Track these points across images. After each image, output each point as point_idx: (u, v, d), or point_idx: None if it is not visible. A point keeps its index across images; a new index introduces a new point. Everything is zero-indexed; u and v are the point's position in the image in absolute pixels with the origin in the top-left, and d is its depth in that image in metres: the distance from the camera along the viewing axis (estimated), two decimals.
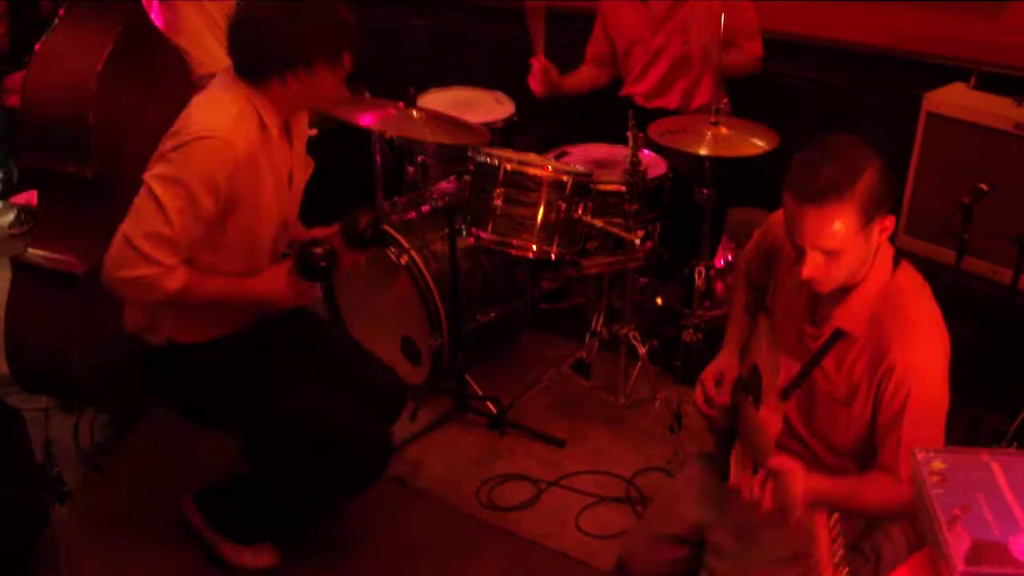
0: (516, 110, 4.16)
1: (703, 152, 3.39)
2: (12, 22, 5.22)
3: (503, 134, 4.02)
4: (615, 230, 3.35)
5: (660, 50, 4.02)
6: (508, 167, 3.30)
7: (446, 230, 3.54)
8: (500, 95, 4.28)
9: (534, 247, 3.33)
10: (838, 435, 2.44)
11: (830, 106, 4.25)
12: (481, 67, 4.71)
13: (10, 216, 5.76)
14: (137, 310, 2.83)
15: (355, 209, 2.84)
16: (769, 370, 2.46)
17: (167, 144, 2.55)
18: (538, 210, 3.30)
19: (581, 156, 3.75)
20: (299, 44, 2.55)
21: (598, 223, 3.36)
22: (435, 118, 3.53)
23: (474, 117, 3.87)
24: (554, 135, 4.01)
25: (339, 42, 2.60)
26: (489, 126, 3.84)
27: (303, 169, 2.89)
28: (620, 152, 3.67)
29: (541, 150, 3.72)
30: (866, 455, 2.43)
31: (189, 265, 2.64)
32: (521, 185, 3.30)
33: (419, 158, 4.03)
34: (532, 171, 3.30)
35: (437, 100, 4.11)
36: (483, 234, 3.36)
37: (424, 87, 4.16)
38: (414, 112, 3.52)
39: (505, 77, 4.34)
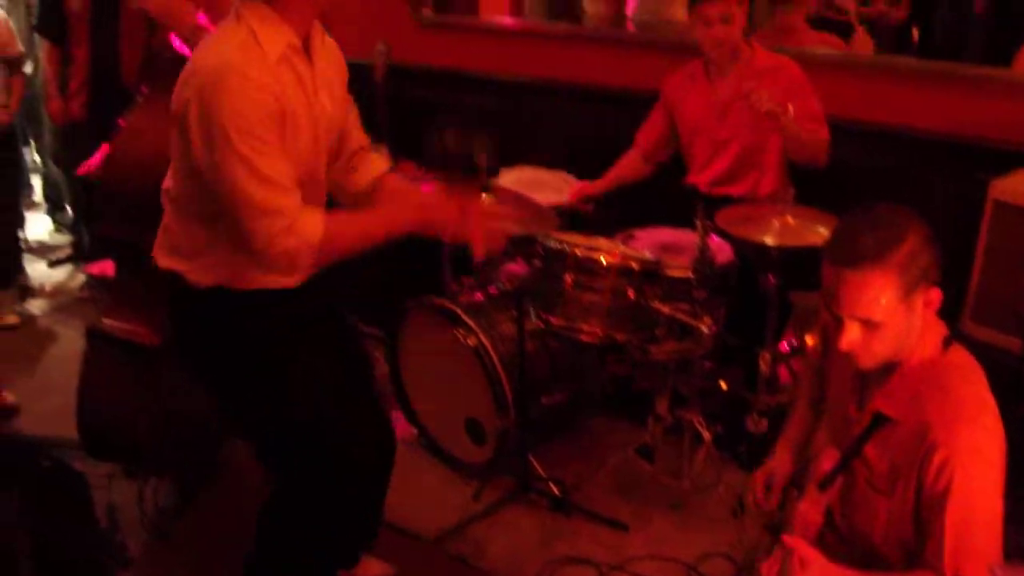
0: None
1: (769, 241, 3.41)
2: (92, 92, 5.34)
3: (570, 215, 4.07)
4: (683, 317, 3.37)
5: (726, 142, 4.03)
6: (578, 253, 3.33)
7: (514, 312, 3.58)
8: (567, 176, 4.35)
9: (602, 332, 3.35)
10: (879, 530, 2.30)
11: (894, 192, 4.24)
12: (548, 147, 4.76)
13: (80, 279, 5.90)
14: (186, 241, 2.64)
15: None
16: (816, 461, 2.43)
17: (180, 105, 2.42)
18: (607, 296, 3.33)
19: (648, 240, 3.78)
20: None
21: (666, 309, 3.38)
22: (505, 203, 3.59)
23: (542, 197, 3.92)
24: (620, 217, 4.04)
25: None
26: (556, 207, 3.89)
27: (331, 86, 2.68)
28: (686, 236, 3.71)
29: (608, 232, 3.76)
30: (912, 556, 2.26)
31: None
32: (590, 271, 3.33)
33: None
34: (601, 257, 3.32)
35: (507, 180, 4.17)
36: (552, 318, 3.39)
37: (491, 167, 4.22)
38: (486, 197, 3.57)
39: (572, 157, 4.41)
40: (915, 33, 4.92)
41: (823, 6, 4.81)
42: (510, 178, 4.19)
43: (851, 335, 2.18)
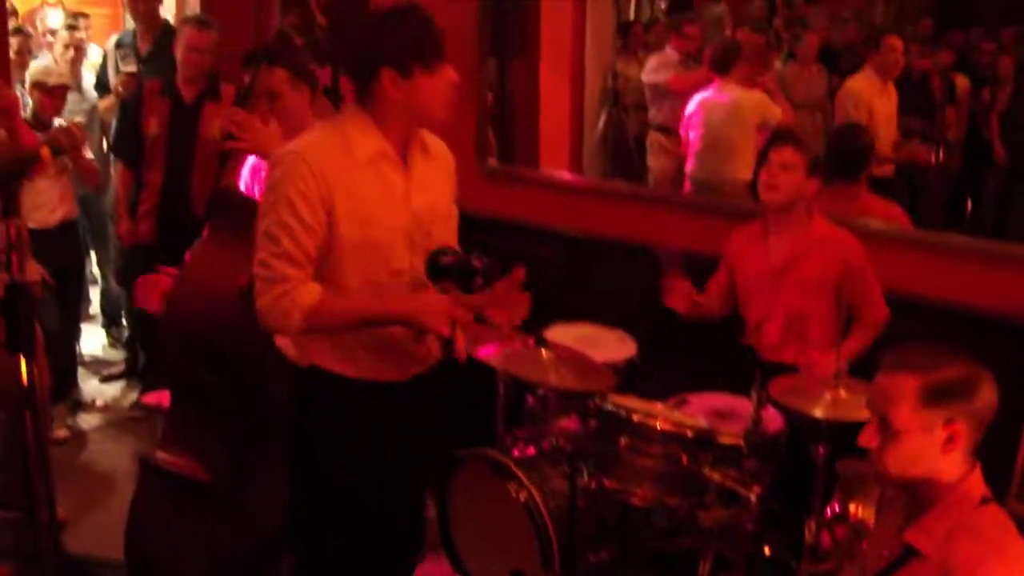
0: (637, 351, 4.27)
1: (819, 414, 3.46)
2: (161, 216, 5.50)
3: (624, 374, 4.12)
4: (733, 485, 3.41)
5: (776, 307, 4.09)
6: (634, 418, 3.40)
7: (566, 469, 3.62)
8: (622, 334, 4.40)
9: (653, 497, 3.40)
10: None
11: None
12: (607, 304, 4.84)
13: (132, 397, 6.00)
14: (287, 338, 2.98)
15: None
16: None
17: None
18: (660, 461, 3.39)
19: (701, 406, 3.83)
20: (388, 45, 2.76)
21: (716, 476, 3.42)
22: (563, 360, 3.66)
23: (599, 355, 3.97)
24: (674, 379, 4.10)
25: (430, 44, 2.82)
26: (611, 365, 3.95)
27: (426, 192, 3.00)
28: (739, 403, 3.77)
29: (661, 395, 3.82)
30: None
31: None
32: (645, 436, 3.40)
33: (540, 390, 4.12)
34: (657, 423, 3.40)
35: (562, 335, 4.24)
36: (605, 480, 3.44)
37: (547, 319, 4.29)
38: (544, 352, 3.65)
39: (628, 316, 4.48)
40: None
41: None
42: (568, 334, 4.25)
43: (871, 430, 2.33)
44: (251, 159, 3.95)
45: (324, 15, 3.30)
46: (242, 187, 3.95)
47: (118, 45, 6.48)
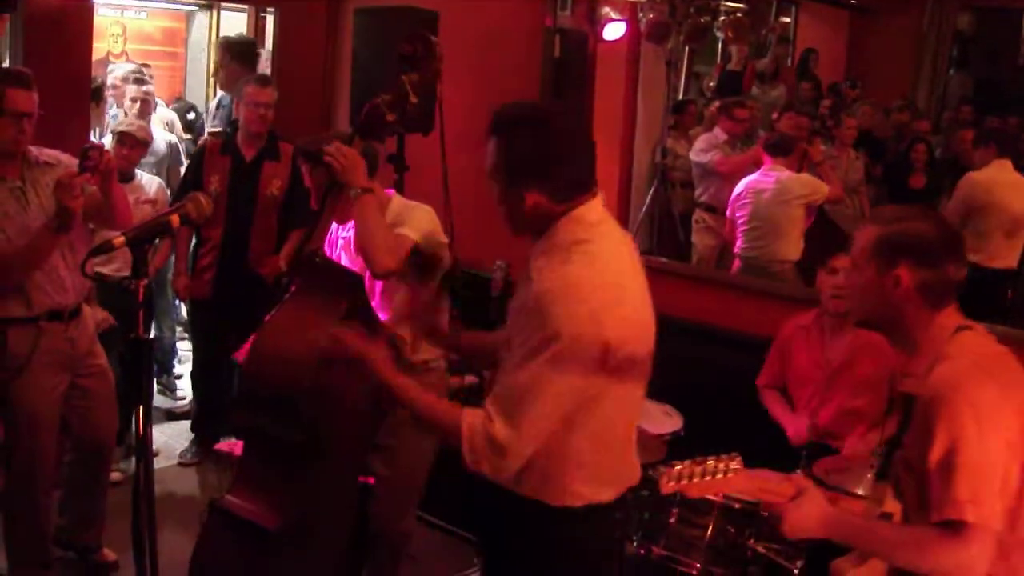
0: (684, 425, 4.39)
1: (861, 492, 3.59)
2: (219, 272, 5.65)
3: (668, 447, 4.25)
4: (777, 558, 3.56)
5: (829, 400, 4.23)
6: None
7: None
8: (669, 408, 4.53)
9: (700, 566, 3.54)
10: (911, 510, 2.52)
11: None
12: (653, 378, 4.97)
13: (184, 444, 6.13)
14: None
15: None
16: None
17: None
18: (708, 532, 3.53)
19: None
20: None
21: (761, 549, 3.57)
22: None
23: (646, 427, 4.13)
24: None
25: None
26: (657, 438, 4.10)
27: None
28: (783, 477, 3.91)
29: None
30: None
31: None
32: (696, 508, 3.54)
33: None
34: (708, 497, 3.53)
35: None
36: (654, 548, 3.58)
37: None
38: None
39: (675, 390, 4.62)
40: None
41: None
42: None
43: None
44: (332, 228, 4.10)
45: (416, 94, 3.44)
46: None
47: (218, 106, 6.71)
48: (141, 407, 2.40)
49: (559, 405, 2.48)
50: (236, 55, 6.60)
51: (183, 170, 6.35)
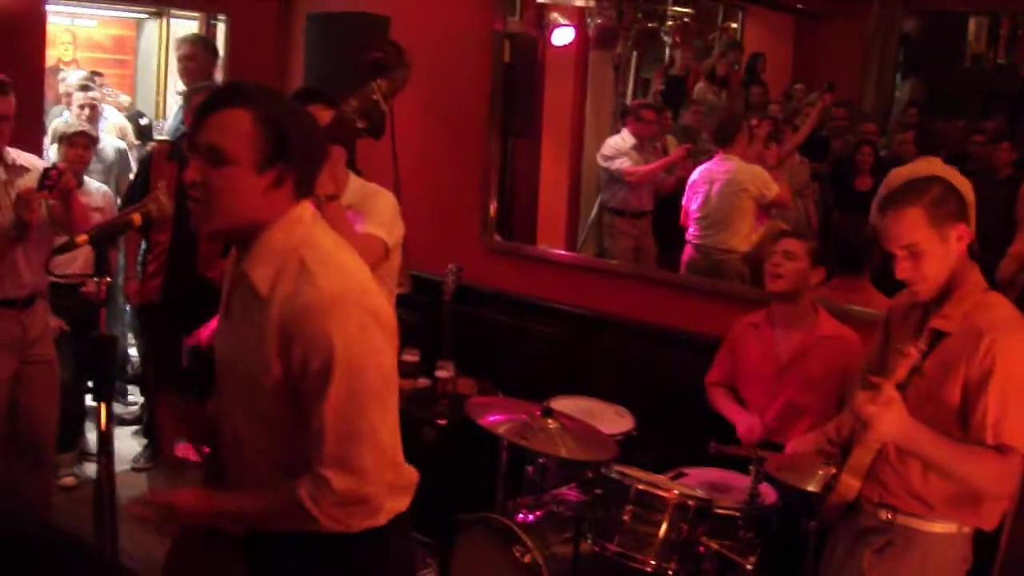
0: (636, 425, 4.45)
1: (812, 489, 3.64)
2: (168, 276, 5.62)
3: (620, 447, 4.29)
4: (730, 554, 3.60)
5: (777, 395, 4.27)
6: (639, 487, 3.58)
7: (567, 535, 3.80)
8: (621, 408, 4.58)
9: (653, 563, 3.57)
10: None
11: None
12: (603, 379, 5.03)
13: (136, 450, 6.11)
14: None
15: None
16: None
17: None
18: (661, 529, 3.57)
19: (697, 479, 4.02)
20: None
21: (714, 545, 3.61)
22: (569, 431, 3.86)
23: (597, 427, 4.17)
24: (671, 454, 4.30)
25: None
26: (610, 438, 4.14)
27: None
28: (733, 478, 4.00)
29: (657, 469, 4.00)
30: None
31: None
32: (649, 504, 3.57)
33: (540, 460, 4.28)
34: (660, 493, 3.58)
35: (562, 408, 4.42)
36: (609, 545, 3.61)
37: (545, 393, 4.48)
38: (550, 422, 3.86)
39: (626, 390, 4.68)
40: None
41: None
42: (567, 406, 4.41)
43: (903, 264, 2.84)
44: None
45: (387, 101, 3.44)
46: None
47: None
48: (103, 405, 2.37)
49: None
50: (211, 49, 6.64)
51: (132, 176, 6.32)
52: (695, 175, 5.80)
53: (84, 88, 6.66)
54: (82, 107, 6.47)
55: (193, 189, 2.28)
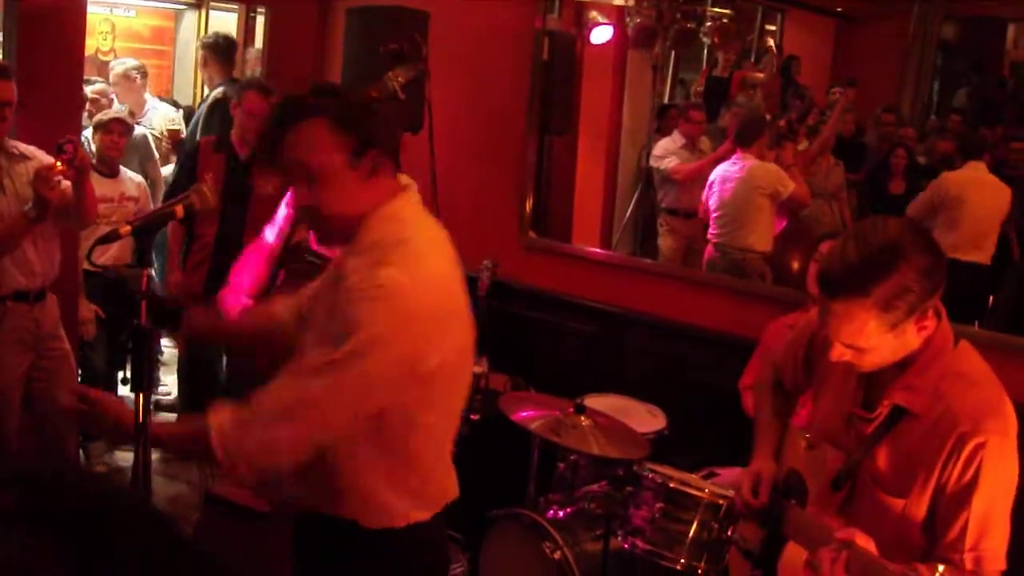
0: (667, 424, 4.46)
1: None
2: (211, 270, 5.65)
3: (652, 446, 4.30)
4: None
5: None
6: (671, 485, 3.59)
7: (597, 532, 3.82)
8: (653, 408, 4.59)
9: (683, 561, 3.58)
10: (887, 532, 2.27)
11: None
12: (636, 378, 5.04)
13: None
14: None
15: None
16: (811, 470, 2.53)
17: None
18: (692, 527, 3.57)
19: (728, 479, 4.01)
20: None
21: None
22: (601, 428, 3.88)
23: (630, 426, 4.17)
24: (703, 455, 4.31)
25: None
26: (642, 436, 4.15)
27: None
28: None
29: (689, 468, 4.00)
30: (916, 556, 2.25)
31: None
32: (680, 503, 3.58)
33: (572, 456, 4.30)
34: (693, 492, 3.58)
35: (595, 405, 4.43)
36: (639, 542, 3.62)
37: (578, 390, 4.49)
38: (582, 419, 3.87)
39: (658, 389, 4.69)
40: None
41: None
42: (600, 404, 4.42)
43: (839, 352, 2.25)
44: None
45: (403, 91, 3.47)
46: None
47: (212, 112, 6.75)
48: (141, 395, 2.40)
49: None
50: (220, 50, 6.64)
51: (155, 163, 6.50)
52: (713, 174, 5.82)
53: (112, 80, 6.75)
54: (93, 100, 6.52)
55: (304, 211, 2.38)
